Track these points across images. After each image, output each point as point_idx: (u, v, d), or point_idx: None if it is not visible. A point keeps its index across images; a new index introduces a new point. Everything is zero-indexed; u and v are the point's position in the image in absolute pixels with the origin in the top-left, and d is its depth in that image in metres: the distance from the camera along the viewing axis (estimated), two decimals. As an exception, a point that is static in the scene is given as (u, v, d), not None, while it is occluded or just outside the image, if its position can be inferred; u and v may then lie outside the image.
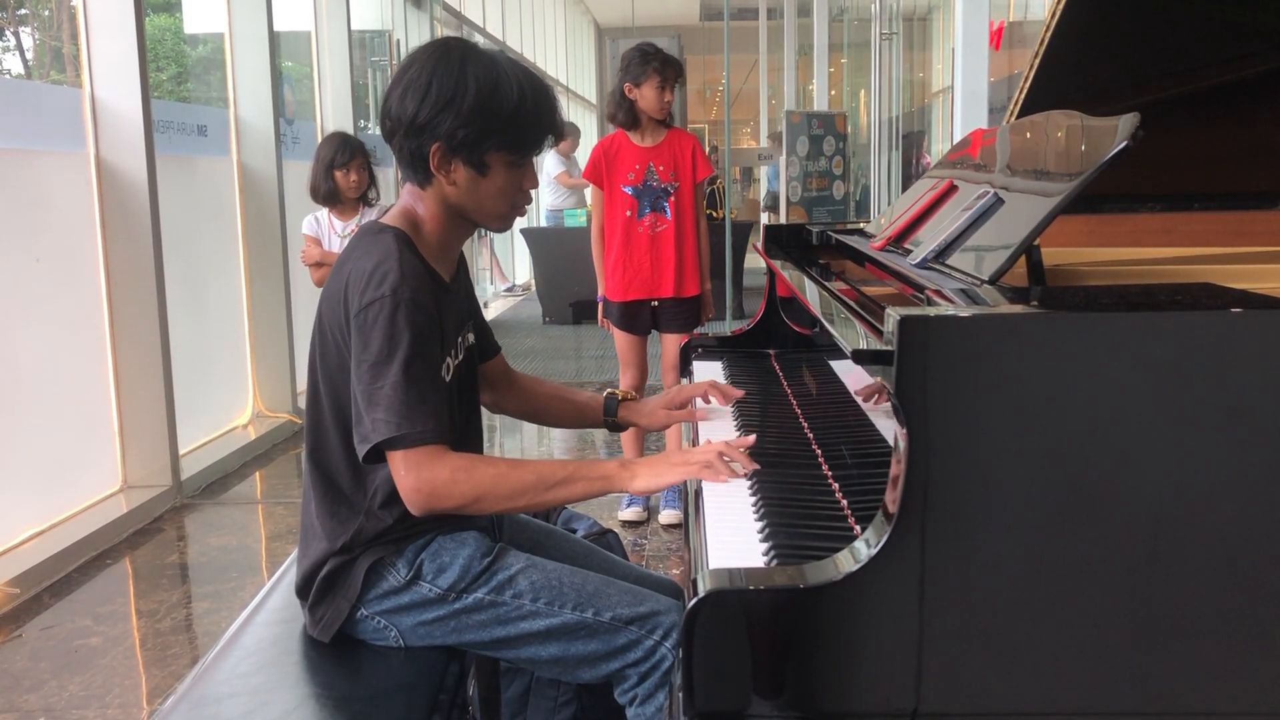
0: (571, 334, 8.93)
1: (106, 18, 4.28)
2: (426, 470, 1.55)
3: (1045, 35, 2.11)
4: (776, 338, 2.57)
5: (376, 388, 1.55)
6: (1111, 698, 1.16)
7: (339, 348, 1.64)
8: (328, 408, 1.68)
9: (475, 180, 1.65)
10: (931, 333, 1.13)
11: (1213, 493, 1.13)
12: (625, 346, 4.01)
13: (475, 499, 1.59)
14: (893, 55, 10.25)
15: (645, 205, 3.88)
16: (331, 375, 1.67)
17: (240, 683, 1.62)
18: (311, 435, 1.72)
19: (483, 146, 1.62)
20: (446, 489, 1.56)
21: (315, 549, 1.71)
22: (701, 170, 3.91)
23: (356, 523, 1.68)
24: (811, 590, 1.14)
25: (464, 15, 10.79)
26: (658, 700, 1.62)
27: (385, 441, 1.55)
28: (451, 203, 1.68)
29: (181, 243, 4.88)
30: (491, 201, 1.68)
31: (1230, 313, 1.14)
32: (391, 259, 1.60)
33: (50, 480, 4.06)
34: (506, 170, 1.66)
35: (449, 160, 1.63)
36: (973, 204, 1.69)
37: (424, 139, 1.61)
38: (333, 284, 1.66)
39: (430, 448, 1.56)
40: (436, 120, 1.59)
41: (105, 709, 2.75)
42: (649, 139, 3.89)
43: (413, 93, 1.60)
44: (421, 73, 1.61)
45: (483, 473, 1.59)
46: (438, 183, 1.66)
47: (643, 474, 1.63)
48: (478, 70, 1.60)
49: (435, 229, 1.71)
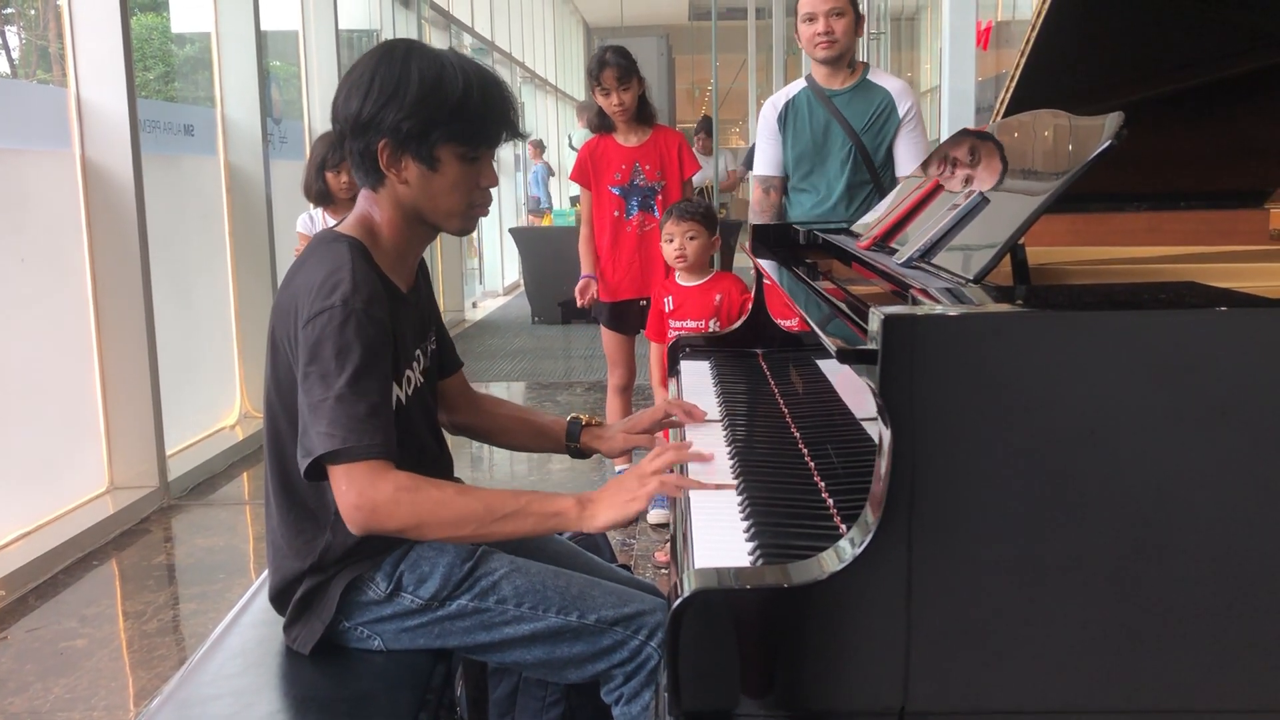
0: (560, 334, 8.93)
1: (92, 17, 4.26)
2: (369, 488, 1.49)
3: (1031, 35, 2.12)
4: (764, 337, 2.57)
5: (320, 400, 1.50)
6: (1099, 695, 1.16)
7: (290, 360, 1.59)
8: (284, 422, 1.63)
9: (427, 176, 1.61)
10: (916, 332, 1.13)
11: (1198, 491, 1.13)
12: (613, 346, 4.01)
13: (417, 523, 1.52)
14: (880, 54, 10.26)
15: (633, 205, 3.89)
16: (286, 389, 1.61)
17: (226, 684, 1.61)
18: (271, 450, 1.67)
19: (430, 138, 1.58)
20: (388, 509, 1.50)
21: (286, 565, 1.67)
22: (688, 167, 3.92)
23: (323, 539, 1.64)
24: (797, 589, 1.14)
25: (452, 15, 10.77)
26: (644, 699, 1.62)
27: (327, 455, 1.49)
28: (406, 204, 1.64)
29: (168, 242, 4.86)
30: (445, 199, 1.64)
31: (1215, 311, 1.15)
32: (344, 269, 1.55)
33: (36, 481, 4.04)
34: (459, 164, 1.61)
35: (399, 156, 1.59)
36: (958, 203, 1.69)
37: (370, 135, 1.58)
38: (283, 296, 1.62)
39: (374, 463, 1.49)
40: (381, 114, 1.56)
41: (91, 711, 2.74)
42: (634, 139, 3.90)
43: (356, 90, 1.58)
44: (365, 71, 1.59)
45: (427, 495, 1.52)
46: (390, 183, 1.62)
47: (601, 511, 1.55)
48: (421, 63, 1.58)
49: (392, 234, 1.67)
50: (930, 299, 1.31)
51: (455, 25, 10.88)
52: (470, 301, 11.02)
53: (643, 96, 3.88)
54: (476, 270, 11.90)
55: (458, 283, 10.21)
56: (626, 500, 1.55)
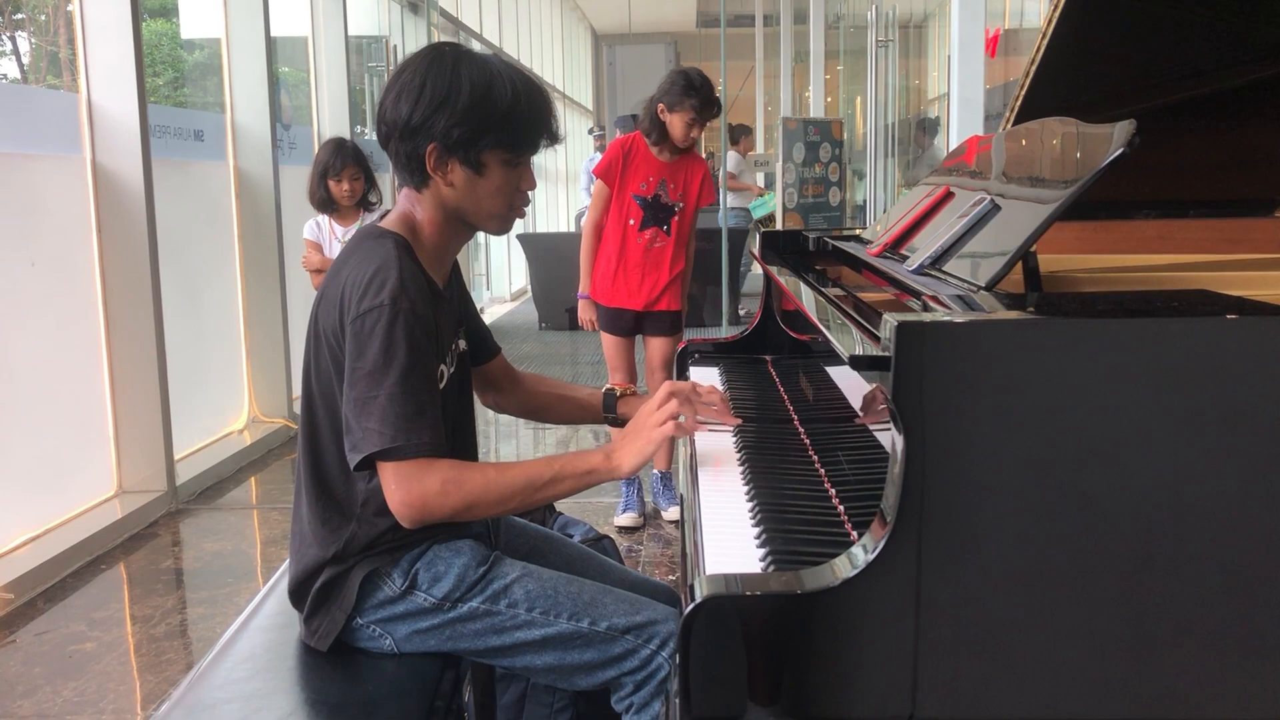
0: (567, 340, 8.93)
1: (103, 22, 4.28)
2: (417, 484, 1.54)
3: (1041, 42, 2.12)
4: (772, 343, 2.57)
5: (371, 397, 1.54)
6: (1107, 704, 1.16)
7: (334, 352, 1.62)
8: (322, 412, 1.67)
9: (472, 180, 1.65)
10: (928, 339, 1.13)
11: (1208, 499, 1.13)
12: (612, 349, 4.02)
13: (466, 508, 1.58)
14: (889, 62, 10.26)
15: (649, 219, 3.89)
16: (326, 380, 1.65)
17: (235, 688, 1.61)
18: (306, 439, 1.71)
19: (478, 145, 1.62)
20: (437, 501, 1.55)
21: (308, 555, 1.70)
22: (706, 197, 3.95)
23: (349, 529, 1.67)
24: (808, 596, 1.14)
25: (461, 21, 10.80)
26: (653, 709, 1.62)
27: (378, 453, 1.53)
28: (449, 205, 1.68)
29: (177, 247, 4.87)
30: (489, 201, 1.68)
31: (1226, 319, 1.14)
32: (391, 266, 1.59)
33: (45, 485, 4.05)
34: (503, 169, 1.66)
35: (445, 160, 1.63)
36: (969, 210, 1.69)
37: (419, 140, 1.62)
38: (329, 288, 1.65)
39: (422, 461, 1.54)
40: (431, 120, 1.60)
41: (99, 715, 2.74)
42: (667, 154, 3.90)
43: (407, 95, 1.61)
44: (415, 75, 1.62)
45: (473, 481, 1.58)
46: (434, 184, 1.66)
47: (625, 458, 1.64)
48: (471, 71, 1.61)
49: (433, 233, 1.71)
50: (942, 306, 1.31)
51: (464, 31, 10.91)
52: (478, 307, 11.02)
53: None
54: (484, 276, 11.91)
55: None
56: (643, 444, 1.64)
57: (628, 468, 1.64)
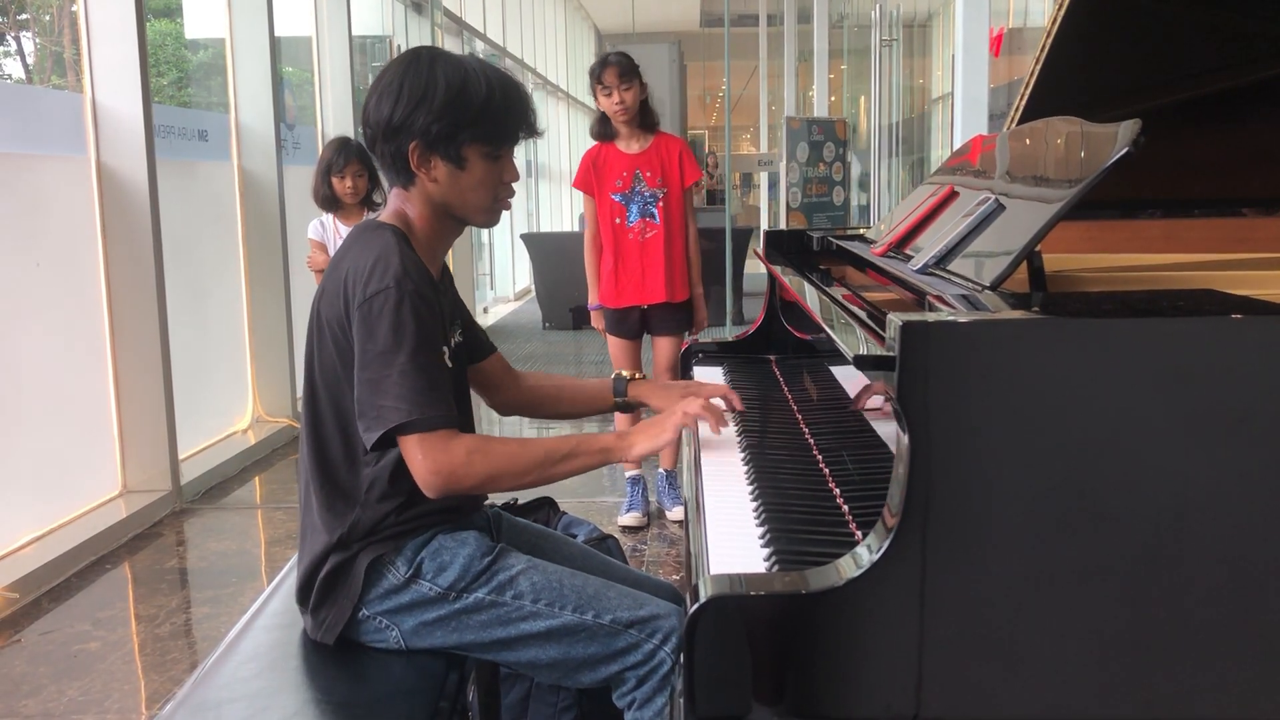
0: (571, 339, 8.94)
1: (108, 23, 4.29)
2: (443, 454, 1.59)
3: (1046, 42, 2.11)
4: (777, 343, 2.57)
5: (384, 375, 1.58)
6: (1112, 705, 1.15)
7: (339, 342, 1.66)
8: (325, 403, 1.71)
9: (455, 175, 1.71)
10: (933, 338, 1.13)
11: (1215, 499, 1.12)
12: (618, 351, 4.02)
13: (491, 477, 1.63)
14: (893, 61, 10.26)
15: (634, 212, 3.90)
16: (329, 371, 1.69)
17: (240, 688, 1.62)
18: (309, 432, 1.74)
19: (458, 140, 1.68)
20: (464, 469, 1.60)
21: (315, 544, 1.72)
22: (690, 174, 3.93)
23: (353, 515, 1.70)
24: (813, 596, 1.14)
25: (464, 21, 10.80)
26: (656, 704, 1.62)
27: (399, 427, 1.57)
28: (436, 200, 1.73)
29: (182, 248, 4.88)
30: (473, 194, 1.73)
31: (1232, 319, 1.14)
32: (392, 253, 1.64)
33: (50, 485, 4.06)
34: (484, 163, 1.71)
35: (428, 157, 1.69)
36: (974, 210, 1.69)
37: (402, 139, 1.68)
38: (330, 281, 1.69)
39: (444, 432, 1.59)
40: (411, 118, 1.66)
41: (104, 714, 2.75)
42: (635, 145, 3.91)
43: (387, 96, 1.68)
44: (394, 78, 1.68)
45: (497, 451, 1.64)
46: (420, 181, 1.72)
47: (639, 441, 1.72)
48: (446, 69, 1.67)
49: (424, 228, 1.76)
50: (947, 306, 1.31)
51: (468, 31, 10.92)
52: (481, 307, 11.04)
53: (645, 102, 3.88)
54: (488, 275, 11.92)
55: (469, 288, 10.23)
56: (657, 433, 1.74)
57: (637, 451, 1.72)
